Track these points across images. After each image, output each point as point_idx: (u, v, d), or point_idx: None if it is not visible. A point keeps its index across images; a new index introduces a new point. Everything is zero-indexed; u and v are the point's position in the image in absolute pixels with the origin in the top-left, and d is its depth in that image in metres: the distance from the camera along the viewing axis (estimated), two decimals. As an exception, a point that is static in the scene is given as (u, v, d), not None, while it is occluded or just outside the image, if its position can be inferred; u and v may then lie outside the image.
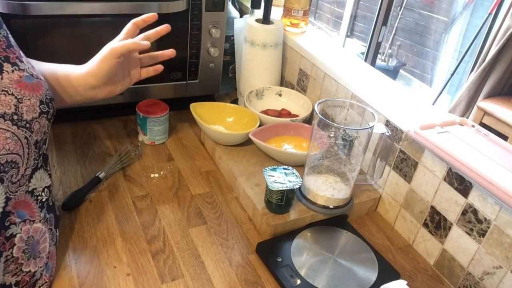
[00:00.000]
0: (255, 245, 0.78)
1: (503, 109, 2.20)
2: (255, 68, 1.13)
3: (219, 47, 1.10)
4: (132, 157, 0.97)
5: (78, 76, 0.71)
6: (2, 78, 0.53)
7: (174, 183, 0.92)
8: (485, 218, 0.70)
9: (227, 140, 0.98)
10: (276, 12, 1.25)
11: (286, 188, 0.77)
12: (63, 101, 0.72)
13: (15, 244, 0.59)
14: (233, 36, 1.21)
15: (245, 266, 0.75)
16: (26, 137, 0.55)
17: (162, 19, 1.02)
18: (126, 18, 0.77)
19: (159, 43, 0.85)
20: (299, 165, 0.93)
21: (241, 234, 0.81)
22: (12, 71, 0.55)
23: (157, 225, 0.81)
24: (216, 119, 1.03)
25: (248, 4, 1.26)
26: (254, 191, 0.86)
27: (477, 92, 2.36)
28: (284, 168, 0.82)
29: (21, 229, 0.60)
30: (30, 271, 0.62)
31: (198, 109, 1.01)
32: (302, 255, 0.75)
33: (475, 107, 2.34)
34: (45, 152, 0.63)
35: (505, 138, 2.07)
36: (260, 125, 0.99)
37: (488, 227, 0.69)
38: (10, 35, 0.59)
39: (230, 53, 1.25)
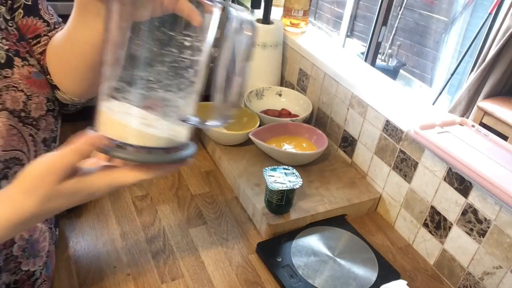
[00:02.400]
0: (255, 245, 0.78)
1: (503, 109, 2.19)
2: (255, 68, 1.13)
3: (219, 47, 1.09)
4: (132, 157, 0.96)
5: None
6: (13, 73, 0.51)
7: (174, 183, 0.92)
8: (485, 218, 0.70)
9: (227, 140, 0.98)
10: (276, 12, 1.25)
11: (286, 188, 0.77)
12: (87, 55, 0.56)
13: (15, 243, 0.59)
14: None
15: (245, 266, 0.75)
16: (31, 134, 0.54)
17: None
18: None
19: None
20: (299, 165, 0.93)
21: (241, 234, 0.81)
22: (22, 66, 0.53)
23: (157, 225, 0.81)
24: (216, 119, 1.03)
25: (248, 4, 1.26)
26: (254, 191, 0.86)
27: (477, 92, 2.36)
28: (284, 168, 0.82)
29: None
30: (29, 270, 0.62)
31: (198, 109, 1.01)
32: (302, 255, 0.75)
33: (475, 107, 2.34)
34: (54, 150, 0.63)
35: (505, 138, 2.07)
36: (260, 125, 0.99)
37: (488, 227, 0.69)
38: (23, 28, 0.57)
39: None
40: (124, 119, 0.42)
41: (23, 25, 0.59)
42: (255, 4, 1.17)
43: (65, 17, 0.92)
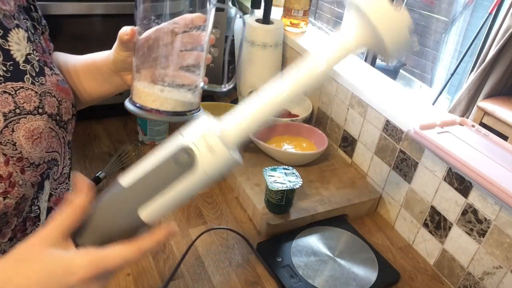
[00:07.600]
0: (255, 245, 0.78)
1: (503, 109, 2.19)
2: (255, 68, 1.13)
3: (219, 47, 1.09)
4: (132, 157, 0.96)
5: (102, 58, 0.62)
6: (45, 81, 0.55)
7: (174, 183, 0.92)
8: (485, 218, 0.70)
9: (227, 140, 0.98)
10: (276, 12, 1.25)
11: (286, 188, 0.76)
12: (91, 95, 0.65)
13: None
14: (233, 36, 1.21)
15: (245, 266, 0.75)
16: (63, 137, 0.58)
17: (162, 19, 1.02)
18: (126, 18, 0.77)
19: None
20: (299, 165, 0.93)
21: (241, 234, 0.81)
22: (51, 74, 0.57)
23: (157, 225, 0.80)
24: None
25: (248, 4, 1.26)
26: (254, 191, 0.86)
27: (477, 92, 2.36)
28: (284, 168, 0.82)
29: None
30: None
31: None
32: (302, 255, 0.75)
33: (475, 107, 2.34)
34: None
35: (505, 138, 2.07)
36: (260, 125, 0.99)
37: (488, 227, 0.69)
38: (43, 42, 0.61)
39: (230, 53, 1.25)
40: (151, 91, 0.55)
41: (45, 39, 0.63)
42: (255, 4, 1.17)
43: (60, 17, 0.92)
